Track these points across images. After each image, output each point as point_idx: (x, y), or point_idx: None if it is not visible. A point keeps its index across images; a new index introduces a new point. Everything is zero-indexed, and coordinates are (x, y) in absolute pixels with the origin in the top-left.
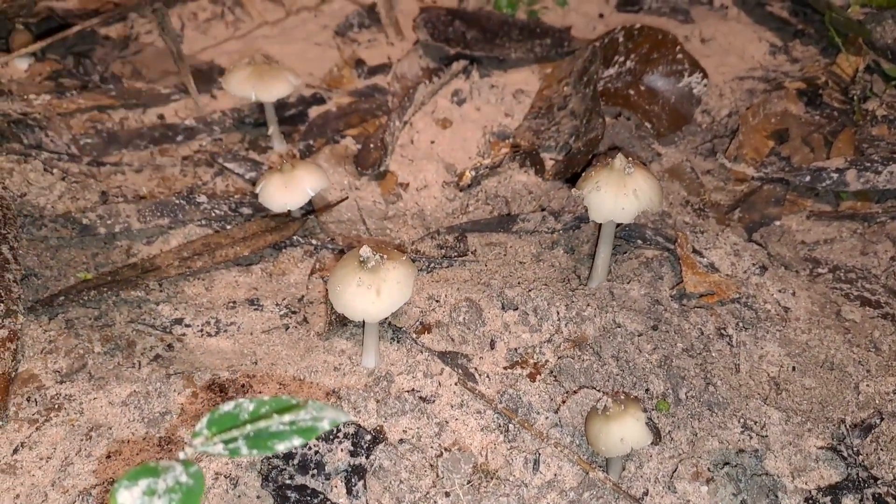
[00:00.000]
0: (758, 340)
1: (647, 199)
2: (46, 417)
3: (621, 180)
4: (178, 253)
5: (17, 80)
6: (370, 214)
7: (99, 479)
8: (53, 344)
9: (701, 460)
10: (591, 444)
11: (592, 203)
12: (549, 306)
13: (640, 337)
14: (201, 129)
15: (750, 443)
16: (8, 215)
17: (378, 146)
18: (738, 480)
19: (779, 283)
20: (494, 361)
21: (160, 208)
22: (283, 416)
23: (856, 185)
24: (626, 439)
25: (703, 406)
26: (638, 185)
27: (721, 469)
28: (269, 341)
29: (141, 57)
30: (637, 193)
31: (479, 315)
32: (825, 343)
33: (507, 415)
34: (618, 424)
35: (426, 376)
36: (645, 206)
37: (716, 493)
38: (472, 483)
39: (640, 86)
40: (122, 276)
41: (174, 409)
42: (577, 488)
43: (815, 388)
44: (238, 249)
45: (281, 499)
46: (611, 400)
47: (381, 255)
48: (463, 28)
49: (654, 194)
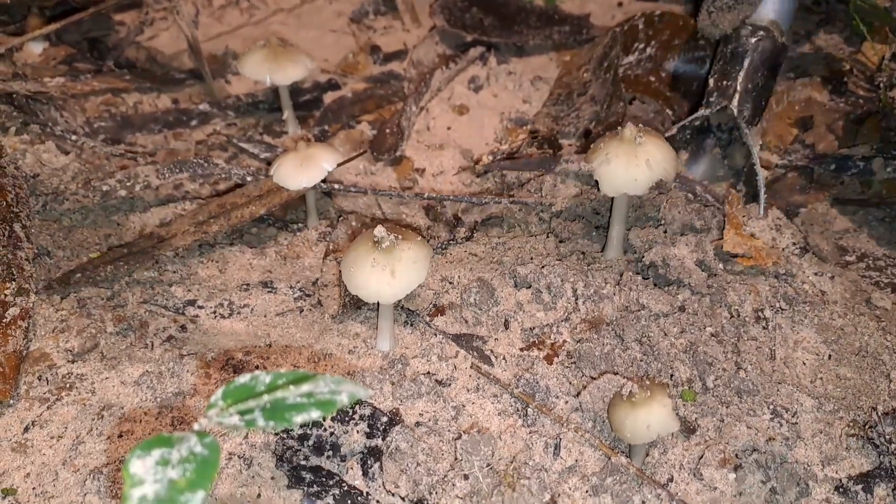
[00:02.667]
0: (795, 325)
1: (661, 168)
2: (58, 396)
3: (632, 150)
4: (194, 217)
5: (31, 63)
6: (385, 199)
7: (110, 458)
8: (65, 323)
9: (728, 447)
10: (615, 430)
11: (603, 176)
12: (563, 283)
13: (665, 318)
14: (216, 113)
15: (780, 430)
16: (20, 194)
17: (394, 131)
18: (766, 468)
19: (816, 266)
20: (510, 342)
21: (178, 165)
22: (300, 387)
23: (882, 174)
24: (652, 426)
25: (732, 392)
26: (650, 155)
27: (749, 456)
28: (283, 324)
29: (155, 42)
30: (650, 163)
31: (491, 295)
32: (859, 330)
33: (524, 399)
34: (644, 411)
35: (441, 359)
36: (659, 176)
37: (743, 481)
38: (491, 466)
39: (661, 72)
40: (137, 247)
41: (187, 389)
42: (599, 473)
43: (849, 376)
44: (254, 209)
45: (296, 479)
46: (637, 386)
47: (395, 236)
48: (480, 14)
49: (669, 163)
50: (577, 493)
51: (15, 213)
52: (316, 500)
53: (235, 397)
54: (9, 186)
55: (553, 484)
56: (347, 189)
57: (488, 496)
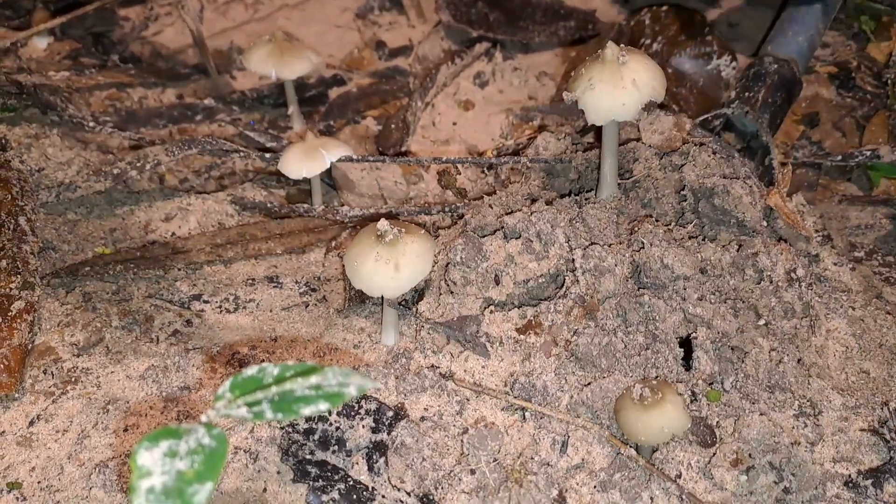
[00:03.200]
0: (829, 312)
1: (648, 88)
2: (63, 390)
3: (616, 72)
4: (212, 239)
5: (36, 58)
6: (391, 195)
7: (116, 452)
8: (70, 317)
9: (743, 445)
10: (625, 432)
11: (588, 104)
12: (553, 229)
13: (686, 282)
14: (220, 108)
15: (803, 431)
16: (25, 188)
17: (399, 126)
18: (779, 469)
19: (835, 256)
20: (505, 318)
21: (187, 143)
22: (308, 379)
23: (890, 157)
24: (667, 428)
25: (758, 387)
26: (636, 75)
27: (764, 457)
28: (288, 318)
29: (160, 37)
30: (636, 83)
31: (479, 251)
32: (878, 323)
33: (522, 405)
34: (658, 413)
35: (444, 353)
36: (648, 96)
37: (755, 481)
38: (498, 461)
39: (668, 68)
40: (150, 253)
41: (192, 383)
42: (607, 469)
43: (871, 371)
44: (272, 245)
45: (301, 474)
46: (647, 388)
47: (399, 229)
48: (486, 10)
49: (656, 81)
50: (584, 489)
51: (20, 206)
52: (321, 494)
53: (243, 389)
54: (14, 180)
55: (560, 479)
56: (364, 158)
57: (495, 492)
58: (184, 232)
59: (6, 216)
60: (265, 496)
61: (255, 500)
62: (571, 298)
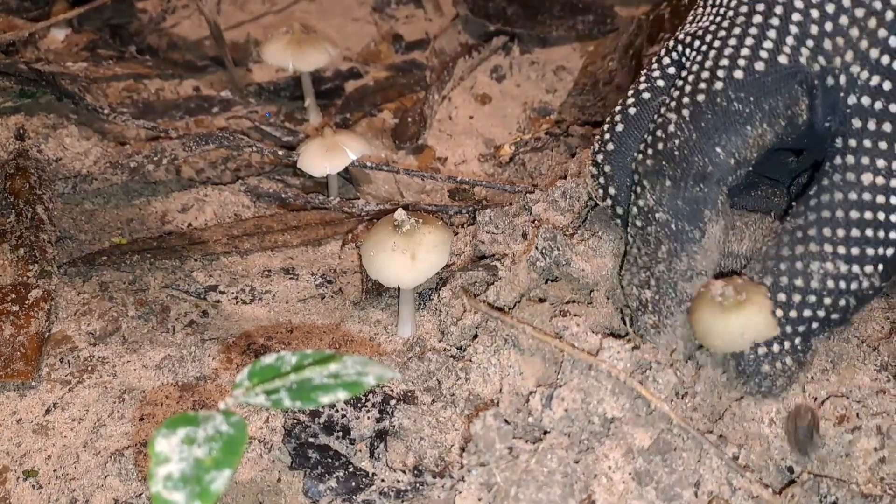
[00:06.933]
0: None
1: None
2: (79, 379)
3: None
4: (228, 230)
5: (54, 49)
6: (407, 188)
7: (132, 441)
8: (87, 306)
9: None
10: (699, 337)
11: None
12: (577, 187)
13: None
14: (237, 101)
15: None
16: (43, 177)
17: (416, 120)
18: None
19: None
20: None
21: (205, 138)
22: (326, 368)
23: None
24: (747, 334)
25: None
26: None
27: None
28: (304, 310)
29: (177, 29)
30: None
31: (505, 212)
32: None
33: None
34: (738, 316)
35: (461, 339)
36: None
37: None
38: (511, 448)
39: None
40: (167, 243)
41: (208, 373)
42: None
43: None
44: (288, 237)
45: (300, 458)
46: (731, 288)
47: (416, 219)
48: (504, 4)
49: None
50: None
51: (38, 195)
52: (319, 483)
53: (262, 377)
54: (31, 169)
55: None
56: (379, 167)
57: (504, 475)
58: (200, 223)
59: (24, 205)
60: (280, 486)
61: (270, 490)
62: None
